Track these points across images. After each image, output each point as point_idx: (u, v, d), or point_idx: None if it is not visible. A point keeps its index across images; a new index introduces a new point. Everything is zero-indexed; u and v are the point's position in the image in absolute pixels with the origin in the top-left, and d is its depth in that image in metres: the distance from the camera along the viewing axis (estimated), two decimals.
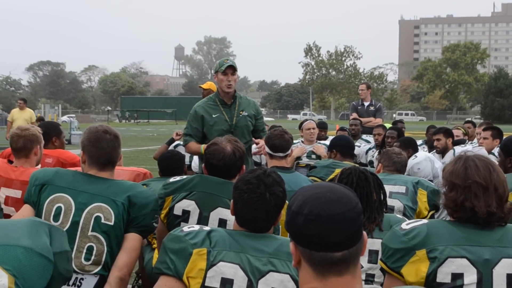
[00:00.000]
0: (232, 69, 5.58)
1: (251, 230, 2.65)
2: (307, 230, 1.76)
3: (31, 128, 4.40)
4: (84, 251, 3.22)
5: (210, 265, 2.50)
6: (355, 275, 1.80)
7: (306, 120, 8.65)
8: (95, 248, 3.22)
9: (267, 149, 4.65)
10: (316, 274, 1.78)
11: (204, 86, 10.40)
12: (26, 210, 3.38)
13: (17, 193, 4.09)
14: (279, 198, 2.69)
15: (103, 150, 3.37)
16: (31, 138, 4.30)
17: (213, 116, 5.65)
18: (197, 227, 2.65)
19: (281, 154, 4.62)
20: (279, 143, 4.61)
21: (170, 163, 4.86)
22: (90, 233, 3.22)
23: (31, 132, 4.33)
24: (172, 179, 3.66)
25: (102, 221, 3.22)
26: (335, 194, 1.79)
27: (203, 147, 5.52)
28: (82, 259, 3.22)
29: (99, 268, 3.24)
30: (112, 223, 3.22)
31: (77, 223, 3.23)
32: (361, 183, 3.17)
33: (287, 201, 4.25)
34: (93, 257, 3.23)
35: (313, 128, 8.10)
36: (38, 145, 4.34)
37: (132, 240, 3.28)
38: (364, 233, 1.83)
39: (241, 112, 5.76)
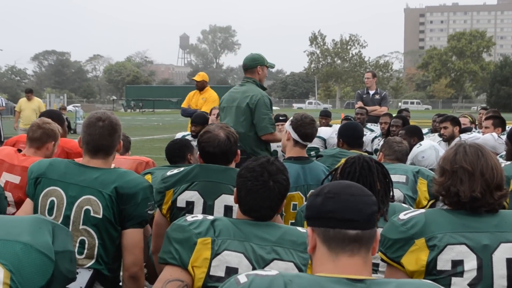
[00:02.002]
0: None
1: (255, 218, 2.66)
2: (324, 207, 1.89)
3: (52, 124, 4.43)
4: (77, 245, 3.19)
5: (214, 254, 2.52)
6: (366, 261, 1.87)
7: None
8: (86, 242, 3.19)
9: (294, 136, 4.49)
10: (330, 253, 1.86)
11: (198, 78, 10.48)
12: (27, 205, 3.38)
13: (16, 179, 4.13)
14: (283, 186, 2.70)
15: (92, 137, 3.29)
16: (48, 132, 4.34)
17: None
18: (200, 216, 2.66)
19: (308, 143, 4.56)
20: (311, 132, 4.51)
21: (170, 151, 4.84)
22: (81, 226, 3.19)
23: (51, 127, 4.37)
24: (169, 173, 3.62)
25: (91, 214, 3.17)
26: (355, 184, 1.98)
27: None
28: (76, 253, 3.16)
29: (93, 261, 3.21)
30: (100, 216, 3.17)
31: (68, 217, 3.20)
32: (364, 172, 3.14)
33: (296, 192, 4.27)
34: (85, 251, 3.20)
35: None
36: (53, 142, 4.38)
37: (130, 236, 3.23)
38: (378, 231, 1.92)
39: None
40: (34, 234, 2.10)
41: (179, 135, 7.99)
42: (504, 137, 6.87)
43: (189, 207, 3.47)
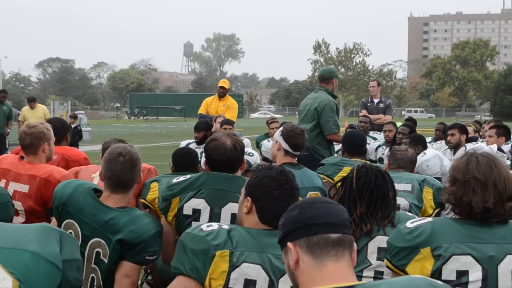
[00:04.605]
0: None
1: (275, 226, 2.65)
2: (303, 215, 1.90)
3: (39, 126, 4.39)
4: (89, 280, 3.22)
5: (233, 267, 2.50)
6: (350, 265, 1.86)
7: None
8: (95, 280, 3.22)
9: (285, 146, 4.58)
10: (315, 262, 1.84)
11: (227, 85, 10.72)
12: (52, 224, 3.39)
13: (24, 188, 4.10)
14: (298, 191, 2.75)
15: (113, 172, 3.30)
16: (37, 135, 4.30)
17: None
18: (215, 225, 2.63)
19: (298, 153, 4.65)
20: (302, 143, 4.62)
21: (185, 159, 4.83)
22: (92, 265, 3.22)
23: (38, 129, 4.33)
24: (175, 180, 3.59)
25: (101, 257, 3.20)
26: (321, 197, 2.02)
27: None
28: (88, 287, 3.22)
29: None
30: (106, 261, 3.18)
31: (83, 253, 3.19)
32: (379, 182, 3.16)
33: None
34: (94, 287, 3.23)
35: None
36: (46, 142, 4.33)
37: (123, 267, 3.21)
38: (354, 244, 1.92)
39: None
40: (42, 243, 2.09)
41: (184, 143, 7.96)
42: (507, 147, 6.88)
43: (196, 215, 3.45)
